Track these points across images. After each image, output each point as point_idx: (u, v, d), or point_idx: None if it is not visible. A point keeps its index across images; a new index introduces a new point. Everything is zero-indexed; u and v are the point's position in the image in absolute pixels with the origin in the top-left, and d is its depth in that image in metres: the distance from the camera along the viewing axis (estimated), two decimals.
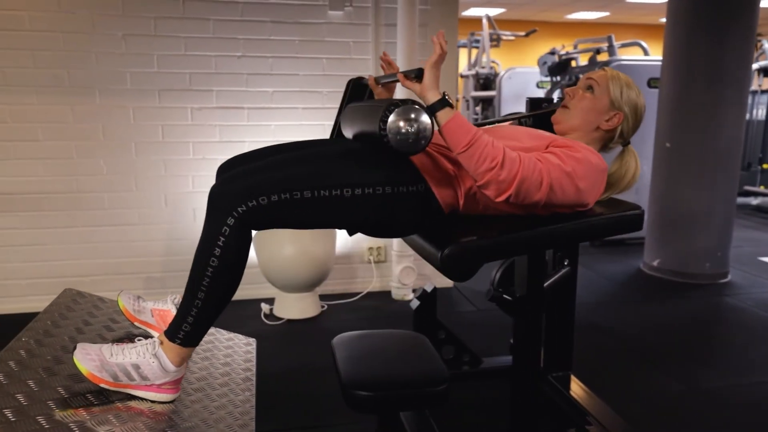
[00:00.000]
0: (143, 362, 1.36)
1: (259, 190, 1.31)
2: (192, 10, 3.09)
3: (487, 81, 6.67)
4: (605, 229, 1.51)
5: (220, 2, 3.11)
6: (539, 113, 2.09)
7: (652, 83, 4.47)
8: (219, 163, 3.21)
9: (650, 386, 2.47)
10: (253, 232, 1.40)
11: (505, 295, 1.71)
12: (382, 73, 3.28)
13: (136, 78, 3.10)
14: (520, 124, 2.07)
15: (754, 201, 6.46)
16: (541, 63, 5.24)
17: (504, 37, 7.08)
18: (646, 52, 5.01)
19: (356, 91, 1.81)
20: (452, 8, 3.35)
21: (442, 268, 1.38)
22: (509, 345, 2.57)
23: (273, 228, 1.39)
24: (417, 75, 1.32)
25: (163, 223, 3.26)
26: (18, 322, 1.84)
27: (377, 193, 1.37)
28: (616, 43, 4.82)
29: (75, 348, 1.34)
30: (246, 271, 3.58)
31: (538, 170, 1.34)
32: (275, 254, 3.02)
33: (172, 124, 3.18)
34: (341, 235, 3.36)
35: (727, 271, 3.94)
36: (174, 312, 1.65)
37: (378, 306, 3.33)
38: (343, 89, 3.32)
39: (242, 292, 3.30)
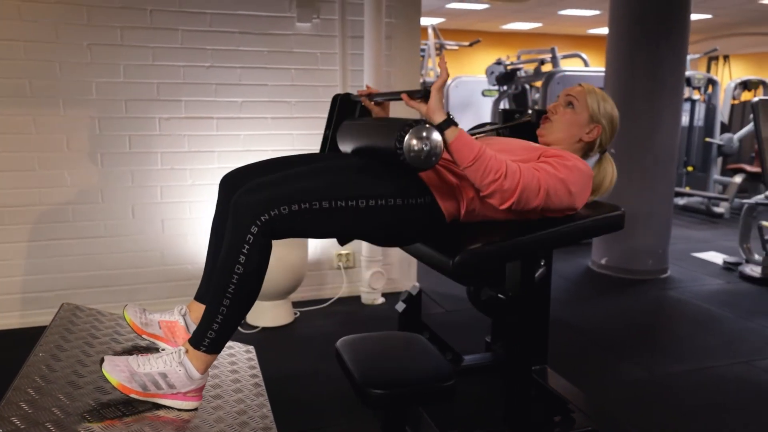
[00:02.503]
0: (170, 371, 1.40)
1: (280, 201, 1.38)
2: (160, 21, 3.07)
3: None
4: (594, 230, 1.67)
5: (188, 13, 3.11)
6: (513, 124, 2.25)
7: None
8: (188, 173, 3.23)
9: (616, 374, 2.68)
10: None
11: (499, 295, 1.84)
12: (350, 86, 3.38)
13: (102, 88, 3.05)
14: (498, 134, 2.22)
15: (681, 201, 6.95)
16: (489, 73, 5.47)
17: (448, 47, 7.31)
18: (586, 63, 5.32)
19: (345, 107, 1.89)
20: (415, 21, 3.48)
21: (454, 274, 1.49)
22: (485, 343, 2.71)
23: (292, 237, 1.46)
24: (423, 96, 1.43)
25: (130, 235, 3.21)
26: None
27: (389, 205, 1.47)
28: (558, 55, 5.11)
29: (103, 360, 1.36)
30: None
31: (536, 179, 1.48)
32: None
33: (140, 134, 3.14)
34: (312, 241, 3.42)
35: (667, 267, 4.25)
36: (182, 323, 1.69)
37: (349, 311, 3.41)
38: (311, 99, 3.41)
39: None
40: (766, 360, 2.82)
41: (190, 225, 3.28)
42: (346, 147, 1.72)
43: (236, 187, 1.64)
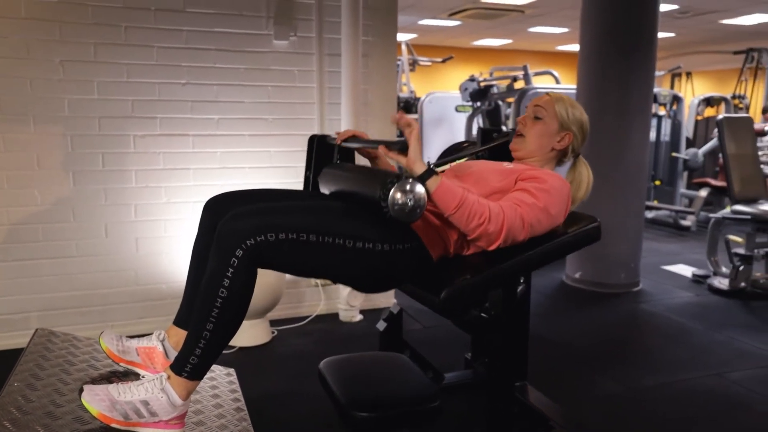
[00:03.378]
0: (152, 398, 1.37)
1: (268, 228, 1.37)
2: (134, 37, 3.04)
3: (407, 104, 6.93)
4: (574, 245, 1.70)
5: (163, 30, 3.08)
6: (493, 146, 2.27)
7: None
8: (164, 191, 3.19)
9: (592, 389, 2.71)
10: None
11: (482, 314, 1.85)
12: (327, 102, 3.38)
13: (75, 105, 3.00)
14: (477, 156, 2.25)
15: (650, 214, 7.11)
16: (463, 89, 5.54)
17: (421, 63, 7.39)
18: (557, 81, 5.43)
19: (323, 148, 1.88)
20: (392, 40, 3.51)
21: (442, 310, 1.50)
22: (465, 360, 2.72)
23: (275, 269, 1.45)
24: (401, 148, 1.44)
25: (103, 255, 3.14)
26: None
27: (376, 249, 1.47)
28: (530, 72, 5.20)
29: (82, 390, 1.33)
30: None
31: (519, 215, 1.49)
32: None
33: (114, 151, 3.09)
34: None
35: (638, 281, 4.34)
36: (160, 348, 1.66)
37: (327, 329, 3.39)
38: (288, 116, 3.40)
39: None
40: (736, 372, 2.89)
41: (165, 243, 3.23)
42: (327, 191, 1.73)
43: (220, 211, 1.63)
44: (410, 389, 1.66)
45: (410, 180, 1.40)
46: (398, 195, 1.38)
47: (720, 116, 4.39)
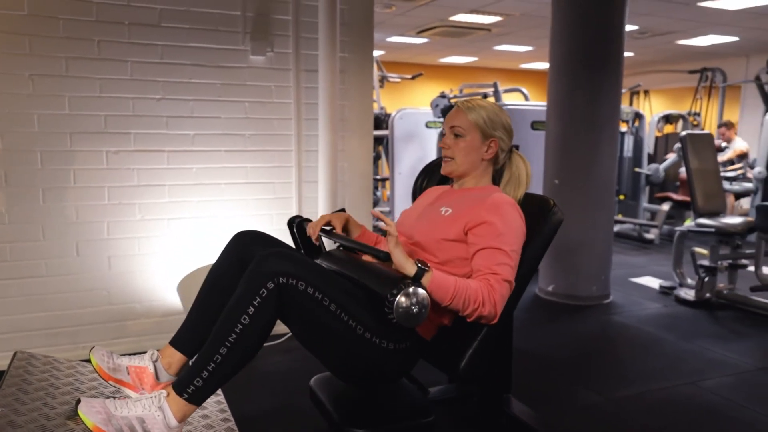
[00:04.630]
0: (148, 416, 1.34)
1: (302, 277, 1.40)
2: (108, 51, 2.99)
3: (378, 120, 6.95)
4: (544, 248, 1.72)
5: (138, 44, 3.04)
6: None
7: (535, 126, 4.97)
8: (137, 208, 3.14)
9: (572, 400, 2.74)
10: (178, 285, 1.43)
11: None
12: (304, 119, 3.35)
13: (45, 120, 2.92)
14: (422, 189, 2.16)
15: (615, 228, 7.28)
16: (434, 105, 5.61)
17: (390, 79, 7.45)
18: (526, 97, 5.55)
19: (304, 234, 1.81)
20: (368, 56, 3.54)
21: (465, 380, 1.54)
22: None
23: (287, 319, 1.44)
24: (385, 258, 1.45)
25: (74, 274, 3.05)
26: None
27: (381, 346, 1.49)
28: (501, 89, 5.30)
29: (79, 401, 1.29)
30: (170, 318, 3.48)
31: (501, 281, 1.50)
32: None
33: (86, 168, 3.02)
34: None
35: (609, 293, 4.43)
36: (151, 369, 1.61)
37: None
38: (265, 132, 3.39)
39: (168, 341, 3.17)
40: (709, 380, 2.97)
41: (139, 262, 3.15)
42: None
43: (248, 246, 1.62)
44: (403, 404, 1.65)
45: (412, 288, 1.39)
46: (403, 301, 1.38)
47: (683, 133, 4.55)
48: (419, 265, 1.44)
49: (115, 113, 3.04)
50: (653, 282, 4.92)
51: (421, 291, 1.40)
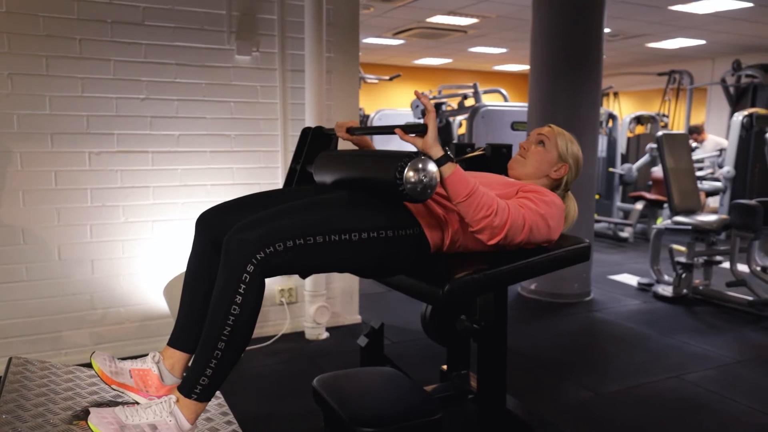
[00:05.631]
0: (160, 422, 1.31)
1: (275, 237, 1.35)
2: (90, 50, 2.92)
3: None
4: (566, 260, 1.74)
5: (121, 43, 2.98)
6: (468, 157, 2.32)
7: (515, 126, 5.03)
8: (121, 210, 3.06)
9: (564, 396, 2.78)
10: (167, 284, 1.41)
11: (474, 325, 1.87)
12: (290, 119, 3.34)
13: (25, 120, 2.84)
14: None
15: None
16: (414, 106, 5.63)
17: (368, 80, 7.45)
18: (505, 99, 5.61)
19: (318, 141, 1.88)
20: (354, 56, 3.53)
21: (444, 302, 1.50)
22: (440, 372, 2.73)
23: (285, 274, 1.42)
24: (422, 131, 1.45)
25: (56, 278, 2.97)
26: None
27: (380, 237, 1.48)
28: (480, 90, 5.35)
29: (89, 413, 1.26)
30: (155, 322, 3.43)
31: (522, 215, 1.54)
32: None
33: (68, 169, 2.94)
34: None
35: (590, 290, 4.50)
36: (155, 371, 1.58)
37: (295, 348, 3.32)
38: (251, 133, 3.35)
39: (154, 345, 3.12)
40: (693, 373, 3.04)
41: (123, 265, 3.09)
42: (324, 178, 1.70)
43: (215, 226, 1.59)
44: (410, 403, 1.65)
45: (423, 158, 1.40)
46: (411, 173, 1.38)
47: (660, 133, 4.65)
48: (447, 152, 1.46)
49: (98, 113, 2.97)
50: (631, 279, 5.02)
51: (432, 165, 1.41)
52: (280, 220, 1.40)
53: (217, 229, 1.57)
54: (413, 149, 1.47)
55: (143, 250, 3.12)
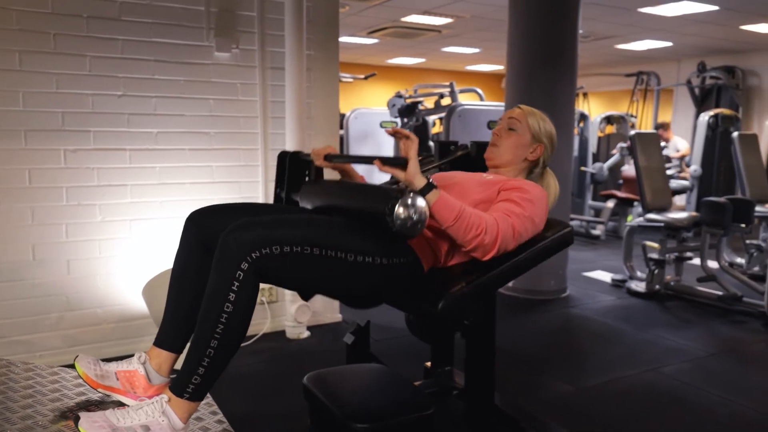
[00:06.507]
0: (152, 422, 1.29)
1: (272, 240, 1.34)
2: (65, 45, 2.85)
3: None
4: (552, 250, 1.77)
5: (97, 38, 2.91)
6: (452, 158, 2.33)
7: (491, 125, 5.07)
8: (98, 209, 3.01)
9: (545, 390, 2.82)
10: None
11: (465, 321, 1.88)
12: (270, 116, 3.31)
13: None
14: (440, 169, 2.29)
15: None
16: (391, 105, 5.64)
17: (343, 79, 7.44)
18: (481, 98, 5.66)
19: (297, 165, 1.83)
20: (334, 54, 3.53)
21: (441, 319, 1.52)
22: (424, 369, 2.75)
23: (277, 284, 1.41)
24: (401, 164, 1.45)
25: (30, 279, 2.89)
26: None
27: (375, 263, 1.48)
28: (457, 89, 5.39)
29: (78, 418, 1.22)
30: (134, 323, 3.38)
31: (510, 225, 1.54)
32: None
33: (42, 167, 2.87)
34: None
35: (566, 287, 4.57)
36: (141, 372, 1.55)
37: (276, 347, 3.30)
38: (231, 131, 3.31)
39: (132, 346, 3.06)
40: (668, 366, 3.11)
41: (100, 265, 3.02)
42: (312, 206, 1.69)
43: (204, 226, 1.57)
44: (402, 398, 1.66)
45: (412, 194, 1.40)
46: (401, 210, 1.38)
47: (632, 132, 4.75)
48: (429, 180, 1.47)
49: (74, 110, 2.91)
50: (605, 276, 5.12)
51: (420, 201, 1.41)
52: (280, 225, 1.39)
53: (207, 229, 1.56)
54: (388, 146, 1.46)
55: (121, 249, 3.06)
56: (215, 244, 1.38)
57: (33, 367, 1.62)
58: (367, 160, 1.55)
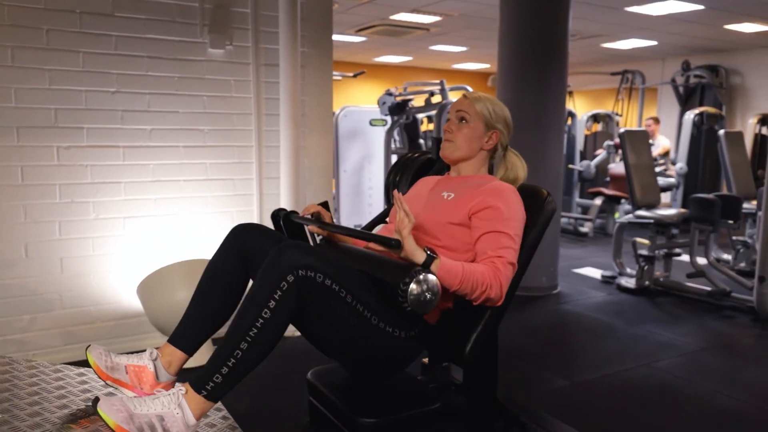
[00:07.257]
0: (168, 414, 1.30)
1: (320, 268, 1.37)
2: (58, 41, 2.82)
3: None
4: (539, 237, 1.78)
5: (90, 34, 2.88)
6: (417, 167, 2.23)
7: None
8: (92, 206, 2.99)
9: (542, 385, 2.85)
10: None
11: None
12: (264, 113, 3.28)
13: None
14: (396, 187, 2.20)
15: None
16: (381, 103, 5.64)
17: (333, 77, 7.41)
18: None
19: (292, 225, 1.77)
20: (328, 51, 3.52)
21: (469, 365, 1.56)
22: (421, 365, 2.75)
23: (302, 312, 1.40)
24: (396, 245, 1.44)
25: (23, 277, 2.86)
26: None
27: (394, 335, 1.50)
28: (447, 87, 5.40)
29: (98, 400, 1.24)
30: (128, 321, 3.36)
31: (506, 264, 1.53)
32: (166, 300, 2.84)
33: (35, 164, 2.83)
34: None
35: (557, 283, 4.61)
36: (151, 368, 1.55)
37: (279, 344, 3.28)
38: (225, 127, 3.31)
39: (127, 345, 3.04)
40: (661, 361, 3.16)
41: (94, 263, 3.00)
42: None
43: (247, 240, 1.60)
44: (408, 393, 1.67)
45: (421, 272, 1.40)
46: (414, 287, 1.38)
47: (622, 130, 4.80)
48: (428, 252, 1.45)
49: (67, 106, 2.87)
50: (594, 272, 5.17)
51: (431, 277, 1.42)
52: (329, 262, 1.41)
53: (249, 244, 1.58)
54: (378, 144, 1.45)
55: (115, 247, 3.04)
56: (253, 259, 1.47)
57: (36, 364, 1.61)
58: (363, 236, 1.55)
